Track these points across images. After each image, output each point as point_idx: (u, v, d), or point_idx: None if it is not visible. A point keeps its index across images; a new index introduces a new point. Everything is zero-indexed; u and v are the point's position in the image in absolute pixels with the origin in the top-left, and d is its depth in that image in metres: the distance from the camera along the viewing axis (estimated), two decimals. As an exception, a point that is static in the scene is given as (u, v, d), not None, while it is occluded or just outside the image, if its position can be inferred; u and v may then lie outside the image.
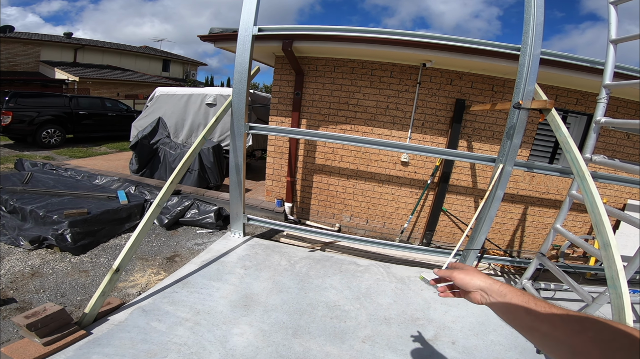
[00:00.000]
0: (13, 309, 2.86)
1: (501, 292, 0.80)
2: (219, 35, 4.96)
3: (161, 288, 3.25)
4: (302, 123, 5.41)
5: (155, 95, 7.85)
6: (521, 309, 0.73)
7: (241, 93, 3.91)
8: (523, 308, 0.72)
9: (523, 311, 0.72)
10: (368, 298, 3.48)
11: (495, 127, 4.98)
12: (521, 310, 0.73)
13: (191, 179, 6.38)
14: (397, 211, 5.51)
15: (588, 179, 2.66)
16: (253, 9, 3.72)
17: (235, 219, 4.54)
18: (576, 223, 5.43)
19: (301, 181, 5.73)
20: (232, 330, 2.77)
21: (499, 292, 0.81)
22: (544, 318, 0.67)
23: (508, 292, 0.79)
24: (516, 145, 3.44)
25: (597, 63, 3.63)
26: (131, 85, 20.42)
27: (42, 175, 5.57)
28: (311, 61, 5.20)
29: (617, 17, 3.02)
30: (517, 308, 0.74)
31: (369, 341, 2.83)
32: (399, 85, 5.03)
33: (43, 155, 8.91)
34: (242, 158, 4.16)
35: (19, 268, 3.45)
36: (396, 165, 5.31)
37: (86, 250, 3.97)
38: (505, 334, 3.13)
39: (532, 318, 0.70)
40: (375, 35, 4.01)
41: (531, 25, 3.18)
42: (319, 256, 4.30)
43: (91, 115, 11.18)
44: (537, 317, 0.69)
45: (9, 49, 17.63)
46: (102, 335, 2.56)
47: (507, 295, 0.78)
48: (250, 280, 3.57)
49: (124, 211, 4.62)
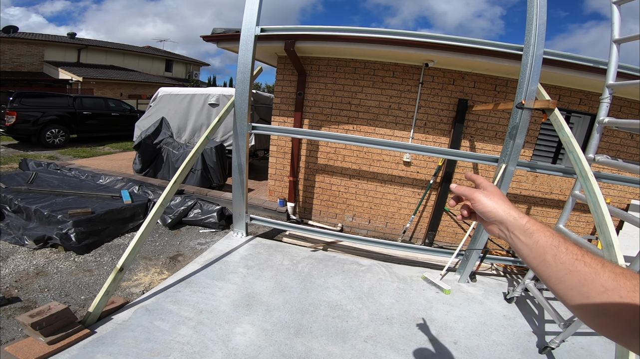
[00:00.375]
0: (18, 309, 2.88)
1: (527, 230, 0.66)
2: (222, 36, 4.98)
3: (164, 287, 3.27)
4: (304, 123, 5.42)
5: (158, 95, 7.87)
6: (549, 254, 0.61)
7: (244, 94, 3.92)
8: (551, 254, 0.61)
9: (551, 257, 0.61)
10: (370, 297, 3.49)
11: (498, 127, 4.97)
12: (549, 255, 0.61)
13: (194, 179, 6.40)
14: (399, 211, 5.51)
15: (591, 179, 2.66)
16: (255, 9, 3.74)
17: (237, 219, 4.55)
18: (579, 223, 5.42)
19: (304, 181, 5.74)
20: (234, 329, 2.79)
21: (524, 229, 0.66)
22: (573, 269, 0.57)
23: (535, 231, 0.65)
24: (519, 145, 3.43)
25: (600, 63, 3.61)
26: (134, 85, 20.48)
27: (47, 175, 5.60)
28: (313, 61, 5.21)
29: (620, 17, 3.00)
30: (543, 251, 0.62)
31: (371, 341, 2.83)
32: (402, 85, 5.03)
33: (47, 154, 8.96)
34: (244, 158, 4.17)
35: (23, 267, 3.47)
36: (398, 165, 5.31)
37: (90, 249, 3.99)
38: (508, 334, 3.14)
39: (560, 267, 0.59)
40: (377, 35, 4.01)
41: (534, 25, 3.18)
42: (321, 256, 4.31)
43: (95, 115, 11.23)
44: (565, 267, 0.59)
45: (12, 49, 17.71)
46: (106, 334, 2.58)
47: (534, 234, 0.64)
48: (253, 279, 3.59)
49: (128, 211, 4.64)
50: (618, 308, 0.51)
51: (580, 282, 0.56)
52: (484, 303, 3.64)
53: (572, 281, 0.57)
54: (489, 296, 3.80)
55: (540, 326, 3.36)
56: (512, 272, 4.66)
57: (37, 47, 18.82)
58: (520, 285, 3.64)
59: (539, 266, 0.62)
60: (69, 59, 20.09)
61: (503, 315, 3.44)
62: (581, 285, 0.56)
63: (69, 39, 20.82)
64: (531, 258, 0.64)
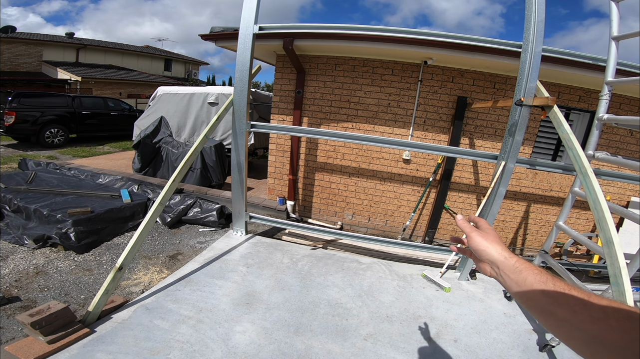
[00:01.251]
0: (17, 308, 2.87)
1: (516, 268, 0.71)
2: (220, 34, 4.97)
3: (164, 286, 3.27)
4: (303, 121, 5.41)
5: (157, 95, 7.87)
6: (538, 290, 0.65)
7: (242, 92, 3.91)
8: (540, 290, 0.65)
9: (540, 293, 0.65)
10: (370, 296, 3.48)
11: (497, 124, 4.97)
12: (537, 292, 0.65)
13: (194, 178, 6.40)
14: (399, 209, 5.51)
15: (590, 176, 2.65)
16: (254, 7, 3.73)
17: (237, 217, 4.55)
18: (579, 221, 5.42)
19: (303, 180, 5.74)
20: (234, 328, 2.78)
21: (514, 269, 0.71)
22: (563, 302, 0.61)
23: (524, 269, 0.70)
24: (518, 142, 3.43)
25: (600, 60, 3.61)
26: (133, 84, 20.46)
27: (46, 175, 5.60)
28: (312, 59, 5.20)
29: (618, 14, 3.01)
30: (532, 288, 0.66)
31: (371, 339, 2.83)
32: (401, 82, 5.02)
33: (46, 154, 8.95)
34: (243, 157, 4.17)
35: (23, 267, 3.47)
36: (398, 163, 5.31)
37: (90, 248, 3.99)
38: (508, 332, 3.13)
39: (549, 301, 0.63)
40: (376, 33, 4.00)
41: (532, 22, 3.17)
42: (321, 254, 4.30)
43: (94, 115, 11.22)
44: (555, 300, 0.62)
45: (11, 49, 17.69)
46: (106, 333, 2.58)
47: (523, 272, 0.69)
48: (253, 278, 3.58)
49: (127, 210, 4.64)
50: (608, 335, 0.54)
51: (570, 314, 0.59)
52: (484, 300, 3.64)
53: (563, 314, 0.60)
54: (489, 294, 3.80)
55: (541, 324, 3.35)
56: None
57: (35, 47, 18.80)
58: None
59: (528, 301, 0.67)
60: (68, 58, 20.08)
61: (503, 313, 3.44)
62: (571, 316, 0.59)
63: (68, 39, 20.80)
64: (520, 294, 0.69)
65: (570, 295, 0.61)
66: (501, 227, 5.42)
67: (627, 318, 0.54)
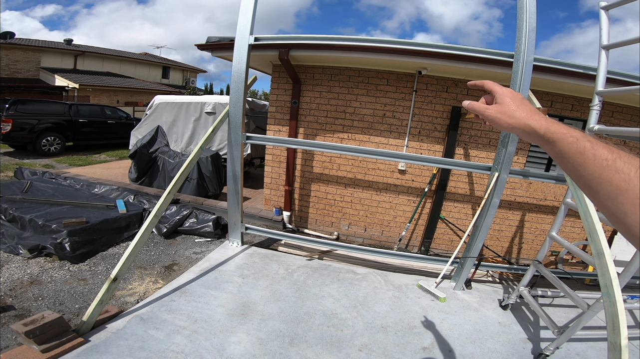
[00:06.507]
0: (12, 317, 2.87)
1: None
2: (216, 44, 5.02)
3: (159, 297, 3.27)
4: (299, 132, 5.45)
5: (154, 103, 7.89)
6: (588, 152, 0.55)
7: (238, 103, 3.95)
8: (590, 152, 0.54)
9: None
10: (365, 306, 3.49)
11: (492, 134, 5.01)
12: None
13: (190, 188, 6.41)
14: (395, 219, 5.53)
15: (581, 187, 2.68)
16: (249, 18, 3.78)
17: (233, 228, 4.56)
18: (574, 229, 5.44)
19: (299, 190, 5.75)
20: (229, 338, 2.79)
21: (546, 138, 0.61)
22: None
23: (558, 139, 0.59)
24: (511, 153, 3.47)
25: (590, 69, 3.65)
26: (131, 92, 20.52)
27: (42, 184, 5.60)
28: (308, 69, 5.25)
29: (608, 22, 3.00)
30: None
31: (366, 350, 2.84)
32: (396, 93, 5.07)
33: (43, 163, 8.94)
34: (239, 168, 4.19)
35: (18, 276, 3.46)
36: (393, 174, 5.34)
37: (85, 258, 3.98)
38: (503, 341, 3.15)
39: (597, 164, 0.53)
40: (369, 44, 4.05)
41: (524, 32, 3.23)
42: (316, 265, 4.31)
43: (91, 123, 11.22)
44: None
45: (9, 55, 17.73)
46: (100, 342, 2.58)
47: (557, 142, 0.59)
48: (248, 288, 3.59)
49: (123, 221, 4.64)
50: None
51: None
52: (479, 310, 3.65)
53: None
54: (484, 303, 3.81)
55: (536, 333, 3.37)
56: (508, 279, 4.68)
57: (33, 53, 18.87)
58: (515, 292, 3.65)
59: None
60: (66, 65, 20.14)
61: (498, 322, 3.45)
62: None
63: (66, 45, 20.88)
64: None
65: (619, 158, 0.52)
66: (497, 236, 5.44)
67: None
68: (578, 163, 0.55)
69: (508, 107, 0.67)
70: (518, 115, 0.65)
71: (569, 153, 0.56)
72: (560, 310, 3.86)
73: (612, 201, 0.50)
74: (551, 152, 0.61)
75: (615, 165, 0.50)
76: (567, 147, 0.57)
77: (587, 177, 0.54)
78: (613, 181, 0.50)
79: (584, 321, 2.74)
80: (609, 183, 0.50)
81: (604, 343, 2.50)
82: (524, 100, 0.67)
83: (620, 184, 0.49)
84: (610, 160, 0.51)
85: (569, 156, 0.57)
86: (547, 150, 0.61)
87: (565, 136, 0.57)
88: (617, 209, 0.50)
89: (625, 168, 0.50)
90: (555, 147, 0.59)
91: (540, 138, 0.62)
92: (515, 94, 0.69)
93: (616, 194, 0.49)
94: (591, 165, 0.53)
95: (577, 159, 0.55)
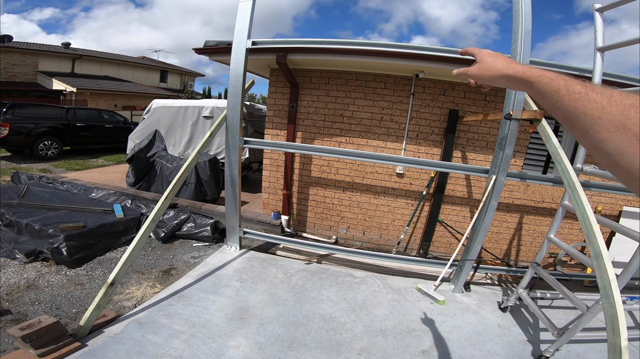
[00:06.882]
0: (8, 321, 2.86)
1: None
2: (214, 48, 5.02)
3: (157, 301, 3.25)
4: (297, 136, 5.45)
5: (151, 107, 7.88)
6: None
7: (235, 107, 3.95)
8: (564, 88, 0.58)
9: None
10: (364, 309, 3.48)
11: (489, 137, 5.03)
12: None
13: (188, 192, 6.39)
14: (393, 222, 5.53)
15: (579, 190, 2.69)
16: (247, 22, 3.79)
17: (231, 232, 4.55)
18: (573, 231, 5.45)
19: (297, 194, 5.75)
20: (227, 343, 2.77)
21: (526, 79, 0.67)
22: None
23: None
24: (508, 156, 3.48)
25: (586, 71, 3.66)
26: (129, 96, 20.49)
27: (39, 189, 5.57)
28: (306, 73, 5.26)
29: (603, 24, 3.00)
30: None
31: (365, 353, 2.82)
32: (393, 96, 5.08)
33: (40, 167, 8.91)
34: (237, 172, 4.19)
35: (14, 281, 3.45)
36: (392, 177, 5.34)
37: (82, 263, 3.96)
38: (502, 343, 3.14)
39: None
40: (367, 47, 4.07)
41: (520, 34, 3.24)
42: (315, 269, 4.30)
43: (88, 127, 11.20)
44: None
45: (7, 59, 17.69)
46: (97, 347, 2.56)
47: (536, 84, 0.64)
48: (246, 292, 3.57)
49: (120, 225, 4.62)
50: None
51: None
52: (479, 312, 3.65)
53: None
54: (483, 305, 3.81)
55: (535, 335, 3.36)
56: (507, 281, 4.68)
57: (31, 56, 18.83)
58: (514, 294, 3.65)
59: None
60: (63, 69, 20.10)
61: (498, 324, 3.45)
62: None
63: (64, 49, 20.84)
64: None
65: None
66: (495, 239, 5.44)
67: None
68: (556, 100, 0.59)
69: (487, 62, 0.76)
70: (498, 66, 0.74)
71: (546, 92, 0.61)
72: (560, 312, 3.86)
73: (588, 131, 0.52)
74: (532, 93, 0.66)
75: (588, 97, 0.53)
76: (544, 87, 0.61)
77: (564, 112, 0.57)
78: (587, 112, 0.53)
79: (583, 322, 2.74)
80: (584, 114, 0.53)
81: (604, 345, 2.49)
82: (501, 54, 0.76)
83: (594, 113, 0.52)
84: (583, 92, 0.54)
85: (546, 95, 0.61)
86: (529, 92, 0.67)
87: (541, 77, 0.63)
88: (594, 138, 0.52)
89: (597, 98, 0.52)
90: (534, 88, 0.64)
91: (520, 82, 0.68)
92: (493, 52, 0.78)
93: (591, 123, 0.52)
94: (566, 100, 0.56)
95: (554, 97, 0.59)
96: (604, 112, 0.50)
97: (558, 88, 0.58)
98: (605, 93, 0.52)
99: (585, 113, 0.53)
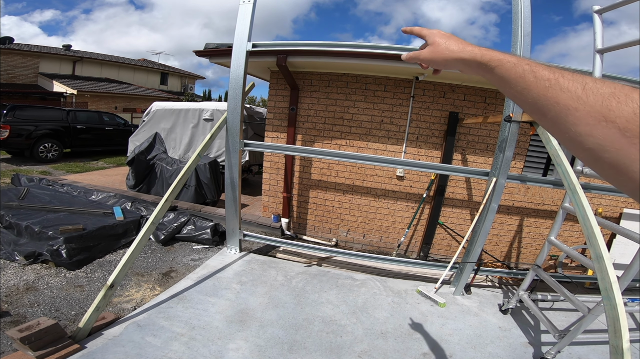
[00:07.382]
0: (7, 323, 2.85)
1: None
2: (214, 51, 5.04)
3: (156, 303, 3.24)
4: (297, 138, 5.45)
5: (152, 110, 7.88)
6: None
7: (236, 110, 3.95)
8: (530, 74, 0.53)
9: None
10: (365, 312, 3.47)
11: (489, 139, 5.03)
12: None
13: (188, 195, 6.38)
14: (393, 225, 5.52)
15: (579, 192, 2.69)
16: (247, 24, 3.79)
17: (231, 235, 4.54)
18: (573, 233, 5.45)
19: (297, 197, 5.74)
20: (227, 345, 2.76)
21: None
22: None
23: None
24: (508, 158, 3.48)
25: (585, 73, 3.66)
26: (129, 98, 20.50)
27: (38, 191, 5.57)
28: (306, 76, 5.27)
29: (602, 26, 3.00)
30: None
31: (366, 356, 2.81)
32: (393, 99, 5.09)
33: (40, 169, 8.91)
34: (237, 175, 4.18)
35: (13, 283, 3.44)
36: (392, 180, 5.34)
37: (81, 265, 3.95)
38: (504, 346, 3.13)
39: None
40: (367, 49, 4.07)
41: (519, 36, 3.25)
42: (315, 271, 4.29)
43: (89, 129, 11.19)
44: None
45: (8, 61, 17.70)
46: (96, 349, 2.55)
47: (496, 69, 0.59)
48: (246, 295, 3.56)
49: (120, 228, 4.61)
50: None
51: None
52: (479, 315, 3.64)
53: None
54: (484, 308, 3.80)
55: (537, 337, 3.35)
56: (508, 283, 4.66)
57: (32, 58, 18.85)
58: (515, 296, 3.64)
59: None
60: (64, 71, 20.13)
61: (498, 327, 3.44)
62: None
63: (64, 51, 20.88)
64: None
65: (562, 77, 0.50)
66: (496, 241, 5.43)
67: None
68: (522, 88, 0.53)
69: (440, 44, 0.69)
70: (452, 48, 0.67)
71: (509, 78, 0.55)
72: (561, 314, 3.85)
73: (563, 123, 0.48)
74: (493, 79, 0.60)
75: (559, 84, 0.48)
76: (507, 73, 0.55)
77: (532, 101, 0.52)
78: (560, 101, 0.48)
79: (584, 324, 2.73)
80: (556, 104, 0.48)
81: (606, 347, 2.49)
82: (453, 35, 0.70)
83: (568, 103, 0.47)
84: (553, 79, 0.49)
85: (510, 81, 0.55)
86: (489, 78, 0.61)
87: (502, 62, 0.57)
88: (571, 131, 0.47)
89: (570, 85, 0.47)
90: (495, 74, 0.58)
91: (478, 66, 0.62)
92: (445, 33, 0.71)
93: (566, 114, 0.47)
94: (535, 88, 0.51)
95: (519, 84, 0.54)
96: (580, 102, 0.45)
97: (523, 74, 0.53)
98: (578, 80, 0.47)
99: (558, 103, 0.48)
